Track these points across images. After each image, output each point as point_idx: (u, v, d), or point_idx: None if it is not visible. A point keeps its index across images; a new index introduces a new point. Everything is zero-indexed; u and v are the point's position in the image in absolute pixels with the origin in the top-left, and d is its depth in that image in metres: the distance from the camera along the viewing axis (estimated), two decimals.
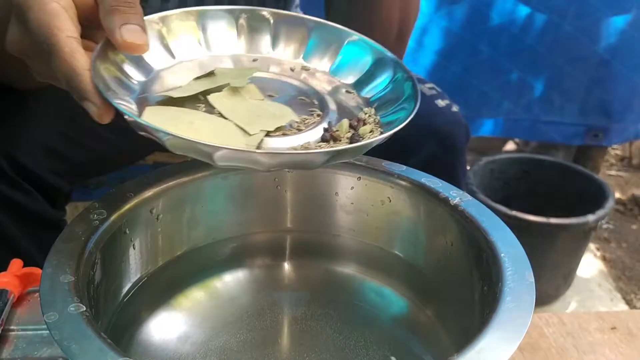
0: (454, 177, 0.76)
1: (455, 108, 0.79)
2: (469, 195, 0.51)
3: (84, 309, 0.37)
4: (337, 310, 0.51)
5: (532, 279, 0.41)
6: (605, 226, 1.80)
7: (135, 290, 0.52)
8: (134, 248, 0.51)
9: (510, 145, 2.14)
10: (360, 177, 0.57)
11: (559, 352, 0.71)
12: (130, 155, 0.87)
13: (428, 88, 0.81)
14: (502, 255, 0.44)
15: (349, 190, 0.58)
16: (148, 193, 0.51)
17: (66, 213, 0.76)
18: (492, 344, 0.36)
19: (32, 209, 0.69)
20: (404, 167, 0.55)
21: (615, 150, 2.31)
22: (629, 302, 1.53)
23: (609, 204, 1.48)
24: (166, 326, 0.50)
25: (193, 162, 0.55)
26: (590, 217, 1.43)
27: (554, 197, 1.59)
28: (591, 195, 1.53)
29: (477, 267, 0.47)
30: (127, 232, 0.50)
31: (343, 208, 0.59)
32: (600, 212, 1.44)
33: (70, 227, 0.45)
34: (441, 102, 0.79)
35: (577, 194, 1.58)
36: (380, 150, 0.46)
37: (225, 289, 0.55)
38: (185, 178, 0.53)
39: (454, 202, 0.51)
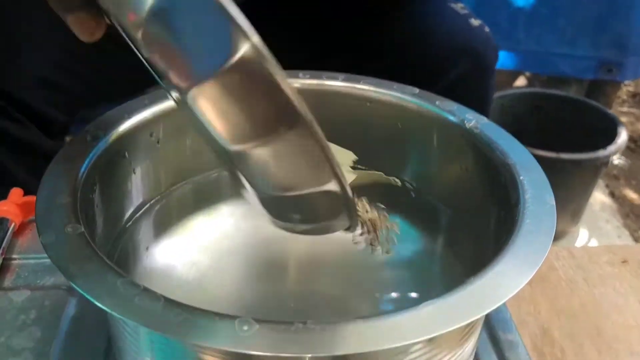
0: (485, 98, 0.73)
1: (486, 28, 0.76)
2: (485, 118, 0.48)
3: (82, 230, 0.36)
4: (346, 245, 0.49)
5: (553, 202, 0.39)
6: (616, 162, 1.78)
7: (139, 216, 0.50)
8: (134, 173, 0.49)
9: (520, 81, 2.09)
10: (369, 103, 0.54)
11: (568, 285, 0.69)
12: (129, 86, 0.84)
13: (460, 7, 0.78)
14: (521, 178, 0.41)
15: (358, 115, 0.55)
16: (146, 115, 0.48)
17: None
18: (509, 268, 0.34)
19: (27, 139, 0.67)
20: (417, 90, 0.52)
21: (627, 87, 2.26)
22: (636, 239, 1.53)
23: (621, 139, 1.45)
24: (170, 252, 0.48)
25: None
26: (602, 153, 1.40)
27: (565, 132, 1.56)
28: (603, 131, 1.49)
29: (493, 193, 0.45)
30: (127, 155, 0.47)
31: (354, 135, 0.56)
32: (611, 148, 1.41)
33: (66, 149, 0.43)
34: (474, 22, 0.75)
35: (589, 129, 1.54)
36: (410, 71, 0.44)
37: (233, 217, 0.53)
38: None
39: (470, 125, 0.48)
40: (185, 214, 0.52)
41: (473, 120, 0.48)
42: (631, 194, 1.71)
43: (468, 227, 0.49)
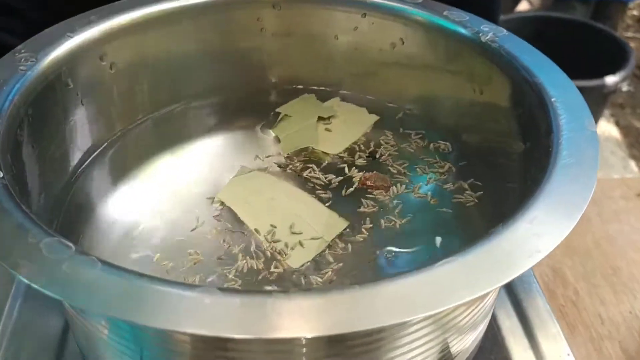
0: (491, 11, 0.63)
1: None
2: (503, 30, 0.40)
3: (1, 175, 0.28)
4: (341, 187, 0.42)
5: (594, 128, 0.32)
6: (625, 89, 1.69)
7: (90, 160, 0.42)
8: (82, 104, 0.40)
9: (523, 5, 1.97)
10: (365, 14, 0.45)
11: (581, 222, 0.64)
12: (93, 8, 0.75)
13: None
14: (552, 100, 0.33)
15: (351, 31, 0.46)
16: (94, 34, 0.40)
17: None
18: (549, 211, 0.27)
19: None
20: None
21: (632, 11, 2.14)
22: None
23: (630, 65, 1.36)
24: (132, 201, 0.40)
25: None
26: (610, 79, 1.31)
27: (570, 58, 1.46)
28: (610, 56, 1.40)
29: (517, 119, 0.37)
30: (70, 84, 0.39)
31: (344, 55, 0.48)
32: (621, 74, 1.33)
33: None
34: None
35: (595, 54, 1.45)
36: None
37: (200, 158, 0.45)
38: (141, 15, 0.42)
39: (486, 38, 0.39)
40: (145, 157, 0.44)
41: (490, 32, 0.40)
42: (637, 123, 1.64)
43: (483, 164, 0.41)
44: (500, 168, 0.39)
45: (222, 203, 0.40)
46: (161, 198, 0.41)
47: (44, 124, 0.36)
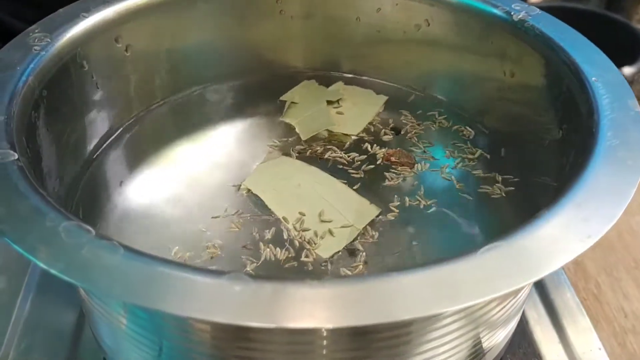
0: None
1: None
2: (536, 8, 0.38)
3: (15, 157, 0.26)
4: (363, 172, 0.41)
5: (638, 108, 0.30)
6: None
7: (106, 145, 0.41)
8: (98, 88, 0.39)
9: None
10: None
11: None
12: None
13: None
14: (593, 79, 0.32)
15: (374, 13, 0.45)
16: (108, 14, 0.38)
17: None
18: (596, 195, 0.25)
19: None
20: None
21: None
22: None
23: None
24: (149, 188, 0.39)
25: None
26: (627, 70, 1.29)
27: None
28: (626, 47, 1.38)
29: (553, 101, 0.35)
30: (85, 65, 0.37)
31: (366, 38, 0.46)
32: (638, 64, 1.30)
33: (0, 55, 0.33)
34: None
35: (611, 45, 1.42)
36: None
37: (220, 143, 0.43)
38: None
39: (519, 17, 0.38)
40: (164, 142, 0.42)
41: (522, 11, 0.38)
42: None
43: (514, 151, 0.40)
44: (533, 154, 0.37)
45: (248, 190, 0.38)
46: (180, 185, 0.39)
47: (58, 106, 0.35)
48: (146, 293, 0.21)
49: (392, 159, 0.41)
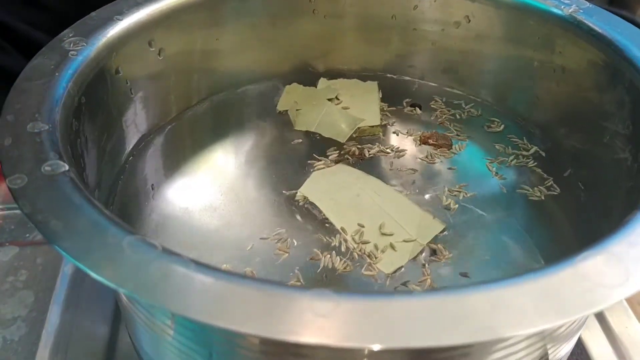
0: None
1: None
2: (586, 2, 0.37)
3: (66, 168, 0.25)
4: (409, 178, 0.39)
5: None
6: None
7: (141, 148, 0.39)
8: (132, 93, 0.38)
9: None
10: None
11: None
12: None
13: None
14: None
15: (410, 10, 0.43)
16: (142, 16, 0.37)
17: None
18: None
19: (7, 67, 0.57)
20: None
21: None
22: None
23: None
24: (185, 194, 0.38)
25: None
26: None
27: None
28: None
29: (612, 103, 0.34)
30: (120, 70, 0.36)
31: (403, 37, 0.45)
32: None
33: (37, 60, 0.31)
34: None
35: None
36: None
37: (256, 146, 0.42)
38: None
39: (569, 10, 0.36)
40: (198, 146, 0.41)
41: (572, 4, 0.37)
42: None
43: (571, 155, 0.38)
44: (592, 156, 0.36)
45: (304, 198, 0.37)
46: (218, 191, 0.38)
47: (96, 113, 0.33)
48: (226, 313, 0.19)
49: (430, 141, 0.41)
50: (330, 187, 0.37)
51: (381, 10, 0.44)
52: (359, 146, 0.41)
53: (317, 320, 0.19)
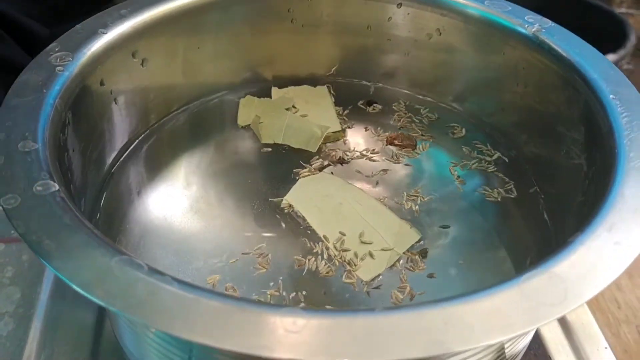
0: None
1: None
2: (549, 20, 0.39)
3: (57, 187, 0.26)
4: (377, 183, 0.41)
5: None
6: (625, 67, 1.69)
7: (124, 157, 0.41)
8: (116, 103, 0.39)
9: None
10: (400, 4, 0.44)
11: None
12: None
13: None
14: (610, 97, 0.33)
15: (385, 22, 0.45)
16: (126, 29, 0.38)
17: None
18: (625, 217, 0.26)
19: (5, 56, 0.58)
20: None
21: None
22: None
23: (630, 42, 1.35)
24: (168, 200, 0.39)
25: None
26: (611, 57, 1.31)
27: None
28: (609, 33, 1.39)
29: (569, 117, 0.36)
30: (105, 82, 0.37)
31: (377, 47, 0.46)
32: (621, 52, 1.32)
33: (25, 76, 0.33)
34: None
35: (595, 32, 1.44)
36: None
37: (238, 151, 0.44)
38: (172, 8, 0.40)
39: (532, 29, 0.38)
40: (179, 152, 0.43)
41: (535, 23, 0.39)
42: None
43: (531, 163, 0.41)
44: (551, 166, 0.38)
45: (289, 205, 0.39)
46: (202, 197, 0.39)
47: (81, 124, 0.35)
48: (207, 330, 0.21)
49: (396, 141, 0.43)
50: (314, 195, 0.39)
51: (357, 20, 0.45)
52: (339, 152, 0.43)
53: (288, 336, 0.21)
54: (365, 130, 0.45)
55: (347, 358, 0.21)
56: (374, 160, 0.43)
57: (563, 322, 0.43)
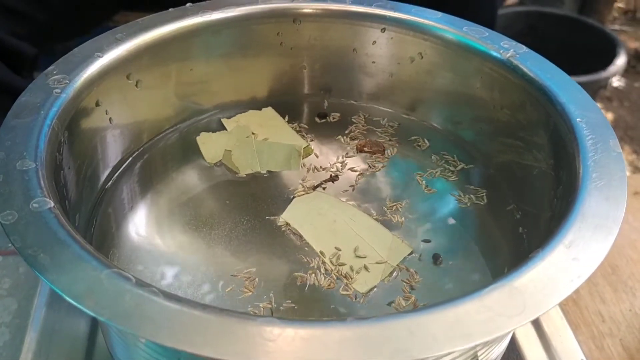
0: (493, 15, 0.65)
1: None
2: (523, 46, 0.41)
3: (52, 204, 0.28)
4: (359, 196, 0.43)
5: (619, 149, 0.33)
6: (616, 84, 1.72)
7: (118, 174, 0.43)
8: (110, 122, 0.41)
9: None
10: (384, 29, 0.46)
11: None
12: (95, 14, 0.75)
13: None
14: (577, 120, 0.35)
15: (369, 45, 0.47)
16: (121, 52, 0.40)
17: None
18: (584, 235, 0.28)
19: None
20: (440, 14, 0.44)
21: (619, 3, 2.17)
22: (630, 163, 1.49)
23: (621, 60, 1.38)
24: (160, 215, 0.41)
25: (174, 12, 0.44)
26: (602, 74, 1.33)
27: (561, 53, 1.48)
28: (600, 51, 1.42)
29: (541, 139, 0.38)
30: (100, 102, 0.39)
31: (362, 69, 0.48)
32: (611, 69, 1.35)
33: (24, 98, 0.35)
34: None
35: (586, 49, 1.47)
36: None
37: (229, 170, 0.45)
38: (165, 32, 0.42)
39: (507, 55, 0.41)
40: (172, 169, 0.44)
41: (510, 49, 0.41)
42: (625, 116, 1.66)
43: (508, 183, 0.43)
44: (522, 182, 0.40)
45: (286, 224, 0.40)
46: (194, 214, 0.41)
47: (77, 144, 0.37)
48: (191, 339, 0.23)
49: (365, 148, 0.45)
50: (309, 213, 0.41)
51: (343, 43, 0.47)
52: (314, 168, 0.45)
53: (265, 344, 0.23)
54: (334, 141, 0.47)
55: None
56: (354, 171, 0.45)
57: (541, 334, 0.45)
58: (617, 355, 0.59)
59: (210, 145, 0.45)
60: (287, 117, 0.49)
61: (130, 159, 0.44)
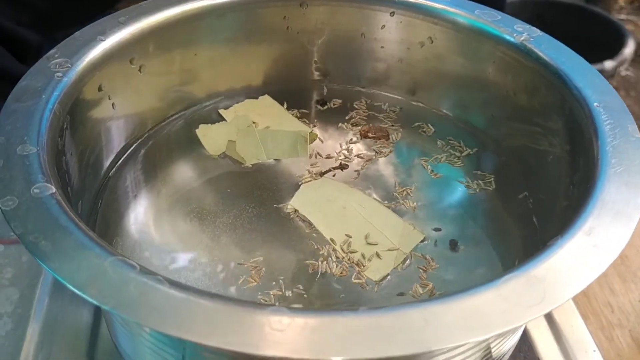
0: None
1: None
2: (537, 30, 0.40)
3: (54, 190, 0.27)
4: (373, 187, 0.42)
5: (638, 135, 0.32)
6: (624, 74, 1.70)
7: (122, 161, 0.42)
8: (113, 108, 0.40)
9: None
10: (393, 12, 0.45)
11: None
12: (98, 1, 0.74)
13: None
14: (595, 104, 0.34)
15: (378, 29, 0.46)
16: (124, 36, 0.39)
17: None
18: (604, 221, 0.27)
19: None
20: None
21: None
22: None
23: (629, 49, 1.36)
24: (164, 203, 0.40)
25: None
26: (608, 64, 1.32)
27: (568, 42, 1.47)
28: (607, 40, 1.40)
29: (556, 125, 0.37)
30: (103, 87, 0.38)
31: (371, 54, 0.47)
32: (619, 58, 1.33)
33: (25, 82, 0.34)
34: None
35: (593, 38, 1.45)
36: None
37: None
38: (169, 16, 0.41)
39: (521, 38, 0.39)
40: (176, 155, 0.43)
41: (524, 32, 0.40)
42: (632, 106, 1.65)
43: (522, 171, 0.42)
44: (537, 169, 0.39)
45: (294, 210, 0.39)
46: (200, 202, 0.40)
47: (79, 129, 0.36)
48: (196, 328, 0.22)
49: (369, 134, 0.44)
50: (317, 200, 0.40)
51: (352, 28, 0.46)
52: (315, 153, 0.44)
53: (274, 334, 0.22)
54: (337, 127, 0.46)
55: (330, 355, 0.21)
56: (361, 157, 0.43)
57: (553, 325, 0.44)
58: (627, 345, 0.58)
59: (211, 137, 0.44)
60: (285, 105, 0.48)
61: (134, 145, 0.43)
